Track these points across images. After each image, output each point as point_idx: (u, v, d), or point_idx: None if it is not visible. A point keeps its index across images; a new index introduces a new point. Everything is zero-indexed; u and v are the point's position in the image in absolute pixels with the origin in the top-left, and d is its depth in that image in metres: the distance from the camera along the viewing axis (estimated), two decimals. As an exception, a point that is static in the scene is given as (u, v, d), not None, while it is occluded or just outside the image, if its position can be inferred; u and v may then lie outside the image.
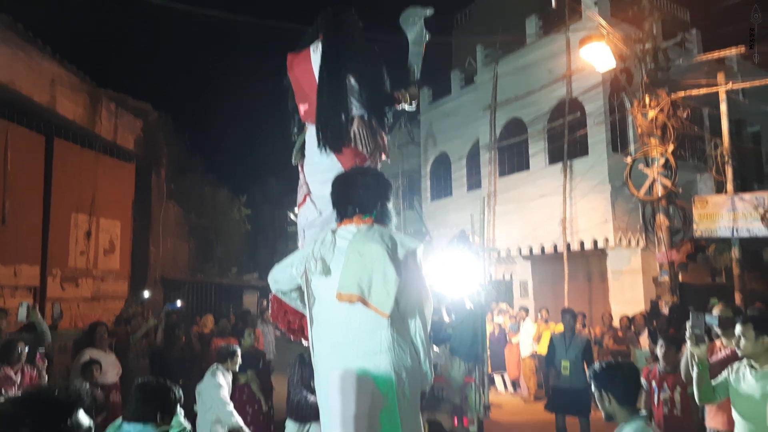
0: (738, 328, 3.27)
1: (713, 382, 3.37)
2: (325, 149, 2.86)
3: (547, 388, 10.22)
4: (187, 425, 2.79)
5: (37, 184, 10.19)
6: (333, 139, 2.85)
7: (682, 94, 10.96)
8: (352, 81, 2.90)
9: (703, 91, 11.19)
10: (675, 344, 4.91)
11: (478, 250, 10.35)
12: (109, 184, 12.04)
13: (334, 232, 2.35)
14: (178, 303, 9.09)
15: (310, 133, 2.95)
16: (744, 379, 3.24)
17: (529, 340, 10.78)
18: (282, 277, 2.48)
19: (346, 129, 2.87)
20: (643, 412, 2.73)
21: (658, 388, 4.80)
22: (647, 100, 10.90)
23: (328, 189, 2.53)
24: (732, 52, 10.89)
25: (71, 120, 10.78)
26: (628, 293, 13.30)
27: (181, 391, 2.78)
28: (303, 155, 3.01)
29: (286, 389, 5.19)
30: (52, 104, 10.20)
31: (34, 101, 9.76)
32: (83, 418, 1.21)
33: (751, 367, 3.22)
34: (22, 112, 9.72)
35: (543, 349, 9.80)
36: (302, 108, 2.96)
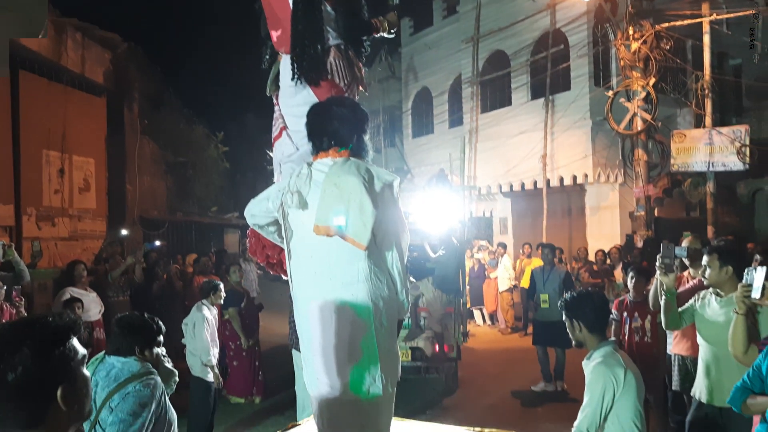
0: (704, 258, 3.35)
1: (680, 310, 3.50)
2: (301, 82, 2.76)
3: (526, 321, 10.60)
4: (175, 372, 2.80)
5: (4, 119, 9.81)
6: (309, 71, 2.75)
7: (666, 25, 10.78)
8: (328, 8, 2.77)
9: (687, 22, 11.01)
10: (644, 275, 5.09)
11: (457, 188, 10.45)
12: (80, 120, 11.66)
13: (310, 165, 2.31)
14: (157, 242, 9.05)
15: (285, 64, 2.83)
16: (709, 305, 3.36)
17: (507, 275, 11.05)
18: (258, 210, 2.45)
19: (322, 60, 2.77)
20: (612, 338, 2.84)
21: (629, 318, 5.00)
22: (631, 31, 10.72)
23: (304, 123, 2.46)
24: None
25: (36, 51, 10.26)
26: (605, 228, 13.58)
27: (162, 324, 2.79)
28: (277, 86, 2.90)
29: (283, 324, 5.23)
30: (14, 35, 9.66)
31: (-6, 32, 9.23)
32: (78, 345, 1.23)
33: (717, 294, 3.33)
34: (-19, 43, 9.21)
35: (526, 283, 10.07)
36: (275, 34, 2.83)
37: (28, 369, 1.13)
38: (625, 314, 5.02)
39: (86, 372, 1.26)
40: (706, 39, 11.18)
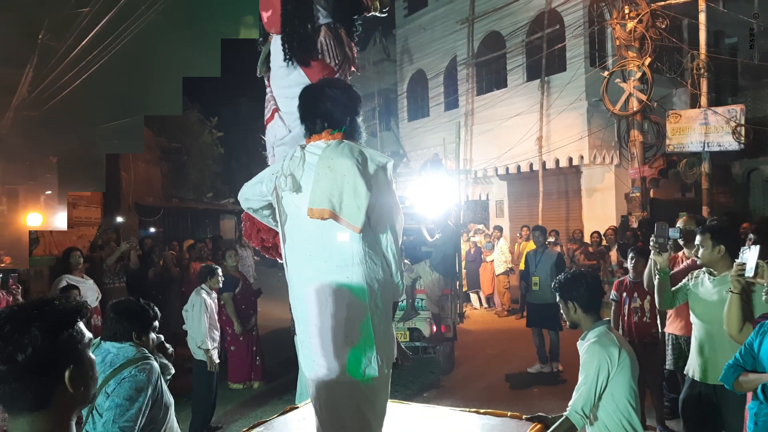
0: (697, 238, 3.37)
1: (673, 289, 3.52)
2: (293, 63, 2.73)
3: (523, 303, 10.66)
4: (169, 365, 2.79)
5: (-5, 108, 9.70)
6: (300, 51, 2.71)
7: (661, 3, 10.70)
8: (318, -15, 2.73)
9: (682, 0, 10.93)
10: (644, 256, 5.09)
11: (452, 172, 10.41)
12: (73, 107, 11.52)
13: (303, 147, 2.29)
14: (152, 230, 9.01)
15: (275, 44, 2.79)
16: (702, 284, 3.38)
17: (503, 258, 11.08)
18: (252, 194, 2.44)
19: (313, 40, 2.72)
20: (606, 318, 2.85)
21: (628, 298, 5.03)
22: (627, 10, 10.64)
23: (296, 105, 2.44)
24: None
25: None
26: (601, 210, 13.61)
27: (157, 310, 2.79)
28: (268, 67, 2.87)
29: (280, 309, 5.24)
30: (1, 20, 9.52)
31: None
32: (85, 329, 1.25)
33: (710, 273, 3.35)
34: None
35: (524, 266, 10.11)
36: (265, 15, 2.79)
37: (37, 350, 1.14)
38: (624, 294, 5.05)
39: (92, 355, 1.27)
40: (702, 17, 11.10)
